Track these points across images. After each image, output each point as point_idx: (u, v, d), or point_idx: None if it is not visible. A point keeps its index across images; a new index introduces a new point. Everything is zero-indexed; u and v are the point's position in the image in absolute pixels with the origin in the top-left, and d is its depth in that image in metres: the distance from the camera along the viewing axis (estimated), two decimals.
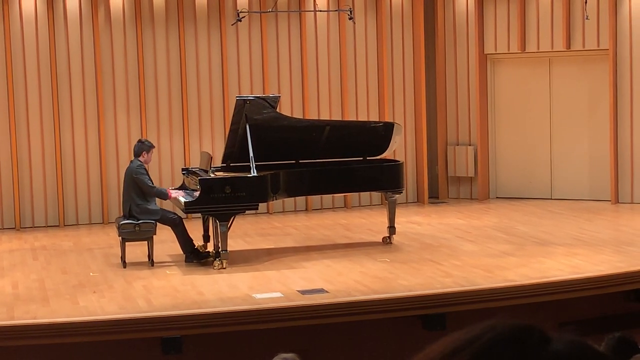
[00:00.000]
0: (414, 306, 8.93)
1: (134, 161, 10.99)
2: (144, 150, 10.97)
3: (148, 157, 11.01)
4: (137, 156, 10.96)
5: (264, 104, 11.06)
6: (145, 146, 11.02)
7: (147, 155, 10.98)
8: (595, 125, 14.76)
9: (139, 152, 10.97)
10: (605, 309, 9.43)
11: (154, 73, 14.17)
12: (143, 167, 10.88)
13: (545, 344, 1.25)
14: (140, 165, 10.86)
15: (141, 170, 10.82)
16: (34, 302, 9.18)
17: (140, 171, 10.81)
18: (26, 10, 13.66)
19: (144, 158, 10.95)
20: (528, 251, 11.12)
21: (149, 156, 11.02)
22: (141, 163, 10.90)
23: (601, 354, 1.27)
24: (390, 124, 12.08)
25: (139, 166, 10.85)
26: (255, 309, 8.70)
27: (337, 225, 13.48)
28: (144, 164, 10.93)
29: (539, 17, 14.83)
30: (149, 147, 11.03)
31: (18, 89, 13.64)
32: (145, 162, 10.95)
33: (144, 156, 10.96)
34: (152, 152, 11.14)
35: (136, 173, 10.80)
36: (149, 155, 11.01)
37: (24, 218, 13.74)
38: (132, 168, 10.92)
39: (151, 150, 11.06)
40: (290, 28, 14.74)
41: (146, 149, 10.99)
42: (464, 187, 15.63)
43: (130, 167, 11.00)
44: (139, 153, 10.96)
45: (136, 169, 10.83)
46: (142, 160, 10.93)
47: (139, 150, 10.99)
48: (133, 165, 10.92)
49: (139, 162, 10.90)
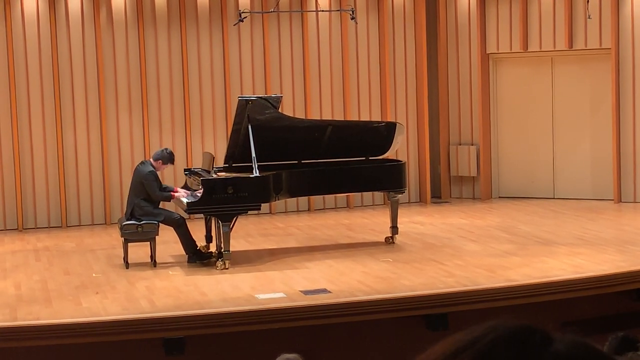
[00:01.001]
0: (416, 306, 8.93)
1: (146, 164, 10.91)
2: (163, 160, 10.87)
3: (162, 167, 10.96)
4: (154, 160, 10.91)
5: (266, 104, 11.06)
6: (167, 157, 10.90)
7: (162, 165, 10.93)
8: (598, 125, 14.75)
9: (158, 158, 10.88)
10: (608, 309, 9.42)
11: (156, 73, 14.17)
12: (154, 174, 10.78)
13: (547, 344, 1.24)
14: (151, 172, 10.75)
15: (151, 177, 10.74)
16: (37, 303, 9.19)
17: (150, 177, 10.72)
18: (28, 11, 13.67)
19: (157, 165, 10.88)
20: (530, 251, 11.11)
21: (162, 167, 10.98)
22: (153, 169, 10.83)
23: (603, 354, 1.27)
24: (392, 124, 12.08)
25: (150, 172, 10.74)
26: (258, 310, 8.70)
27: (339, 225, 13.48)
28: (155, 169, 10.89)
29: (541, 16, 14.82)
30: (168, 159, 10.91)
31: (20, 89, 13.65)
32: (156, 169, 10.92)
33: (159, 164, 10.87)
34: (167, 167, 11.12)
35: (146, 179, 10.71)
36: (163, 166, 10.96)
37: (26, 219, 13.75)
38: (142, 172, 10.80)
39: (168, 164, 11.02)
40: (292, 28, 14.74)
41: (166, 160, 10.89)
42: (466, 187, 15.63)
43: (141, 169, 10.89)
44: (158, 158, 10.88)
45: (147, 174, 10.72)
46: (155, 166, 10.89)
47: (160, 156, 10.88)
48: (144, 170, 10.81)
49: (151, 168, 10.83)
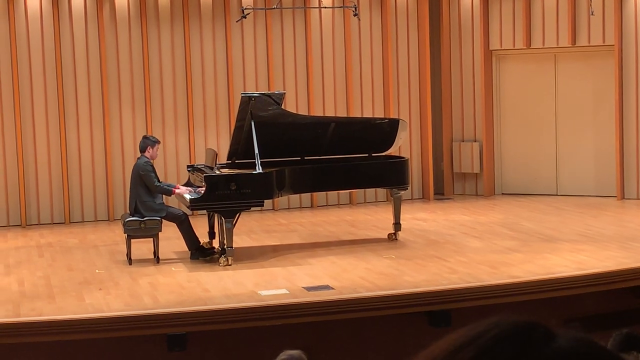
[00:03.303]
0: (419, 303, 8.93)
1: (141, 158, 10.98)
2: (149, 145, 10.97)
3: (153, 152, 11.00)
4: (143, 152, 10.97)
5: (269, 100, 11.06)
6: (150, 141, 11.02)
7: (152, 150, 10.97)
8: (601, 121, 14.73)
9: (144, 148, 10.97)
10: (611, 305, 9.42)
11: (159, 70, 14.17)
12: (150, 164, 10.88)
13: (550, 341, 1.24)
14: (147, 162, 10.86)
15: (148, 168, 10.82)
16: (40, 299, 9.20)
17: (147, 168, 10.81)
18: (31, 8, 13.67)
19: (149, 154, 10.94)
20: (533, 247, 11.10)
21: (154, 151, 11.01)
22: (148, 160, 10.90)
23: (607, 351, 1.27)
24: (395, 121, 12.07)
25: (145, 163, 10.85)
26: (260, 306, 8.71)
27: (342, 221, 13.48)
28: (150, 159, 10.94)
29: (544, 13, 14.81)
30: (153, 142, 11.02)
31: (23, 86, 13.65)
32: (151, 158, 10.94)
33: (149, 151, 10.95)
34: (158, 147, 11.12)
35: (143, 170, 10.80)
36: (154, 150, 10.99)
37: (29, 215, 13.76)
38: (139, 165, 10.92)
39: (156, 146, 11.04)
40: (295, 25, 14.73)
41: (150, 144, 10.98)
42: (469, 184, 15.62)
43: (137, 163, 11.00)
44: (144, 149, 10.97)
45: (143, 165, 10.83)
46: (148, 156, 10.92)
47: (144, 146, 10.99)
48: (140, 162, 10.92)
49: (146, 159, 10.91)
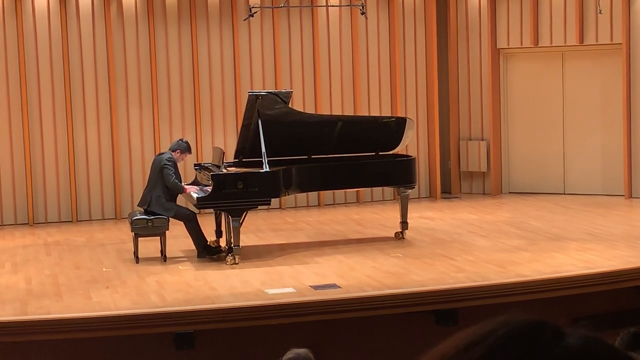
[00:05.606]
0: (426, 301, 8.92)
1: (165, 153, 11.02)
2: (181, 149, 10.99)
3: (180, 157, 11.03)
4: (172, 150, 11.00)
5: (276, 99, 11.06)
6: (184, 146, 11.04)
7: (181, 155, 11.01)
8: (608, 120, 14.71)
9: (175, 148, 11.00)
10: (618, 304, 9.40)
11: (166, 68, 14.18)
12: (172, 160, 10.88)
13: (558, 339, 1.24)
14: (170, 158, 10.87)
15: (169, 163, 10.82)
16: (47, 298, 9.22)
17: (169, 163, 10.81)
18: (39, 7, 13.69)
19: (176, 155, 10.96)
20: (541, 246, 11.09)
21: (181, 157, 11.04)
22: (172, 156, 10.91)
23: (615, 350, 1.27)
24: (402, 119, 12.07)
25: (169, 158, 10.86)
26: (267, 304, 8.71)
27: (349, 220, 13.48)
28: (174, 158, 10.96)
29: (551, 11, 14.78)
30: (186, 148, 11.05)
31: (31, 85, 13.67)
32: (176, 158, 10.98)
33: (178, 154, 10.97)
34: (186, 156, 11.17)
35: (166, 163, 10.79)
36: (182, 156, 11.03)
37: (37, 214, 13.78)
38: (161, 157, 10.92)
39: (186, 153, 11.09)
40: (302, 23, 14.73)
41: (183, 149, 11.01)
42: (476, 182, 15.61)
43: (160, 156, 11.01)
44: (175, 149, 10.99)
45: (166, 160, 10.83)
46: (175, 156, 10.95)
47: (177, 146, 11.02)
48: (164, 156, 10.93)
49: (170, 155, 10.92)
